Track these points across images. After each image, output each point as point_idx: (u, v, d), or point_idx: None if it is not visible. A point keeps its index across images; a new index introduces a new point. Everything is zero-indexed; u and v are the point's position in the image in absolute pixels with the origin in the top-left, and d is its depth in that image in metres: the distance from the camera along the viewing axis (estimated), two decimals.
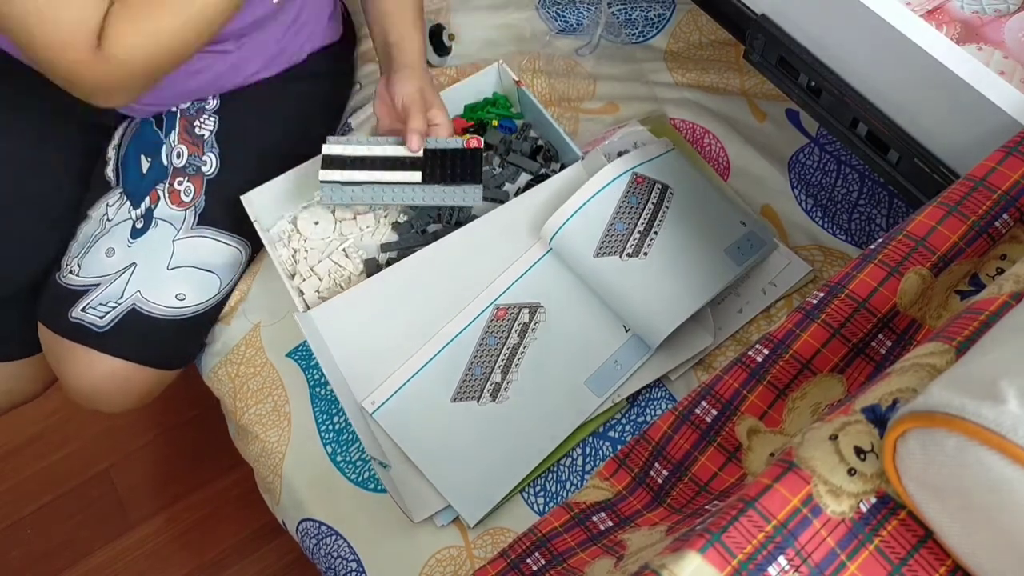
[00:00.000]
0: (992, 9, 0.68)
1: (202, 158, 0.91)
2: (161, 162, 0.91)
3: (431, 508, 0.76)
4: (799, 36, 0.73)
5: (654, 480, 0.59)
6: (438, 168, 0.84)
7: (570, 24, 1.11)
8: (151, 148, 0.92)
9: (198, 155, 0.91)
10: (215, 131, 0.92)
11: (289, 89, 0.97)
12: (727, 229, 0.84)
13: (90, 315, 0.86)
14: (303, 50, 0.97)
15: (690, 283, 0.80)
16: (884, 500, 0.42)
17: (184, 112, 0.93)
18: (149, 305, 0.87)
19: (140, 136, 0.94)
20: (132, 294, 0.87)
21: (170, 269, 0.88)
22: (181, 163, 0.91)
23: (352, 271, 0.88)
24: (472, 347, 0.81)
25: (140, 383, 0.90)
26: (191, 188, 0.90)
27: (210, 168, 0.91)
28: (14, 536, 1.32)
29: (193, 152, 0.91)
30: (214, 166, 0.91)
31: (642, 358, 0.80)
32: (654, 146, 0.89)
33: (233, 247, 0.93)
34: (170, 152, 0.92)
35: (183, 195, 0.90)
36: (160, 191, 0.90)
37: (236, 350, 0.92)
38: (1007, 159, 0.55)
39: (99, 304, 0.87)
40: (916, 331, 0.55)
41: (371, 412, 0.78)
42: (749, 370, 0.56)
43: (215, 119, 0.93)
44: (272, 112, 0.96)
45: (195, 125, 0.92)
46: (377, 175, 0.84)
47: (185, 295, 0.89)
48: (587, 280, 0.82)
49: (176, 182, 0.90)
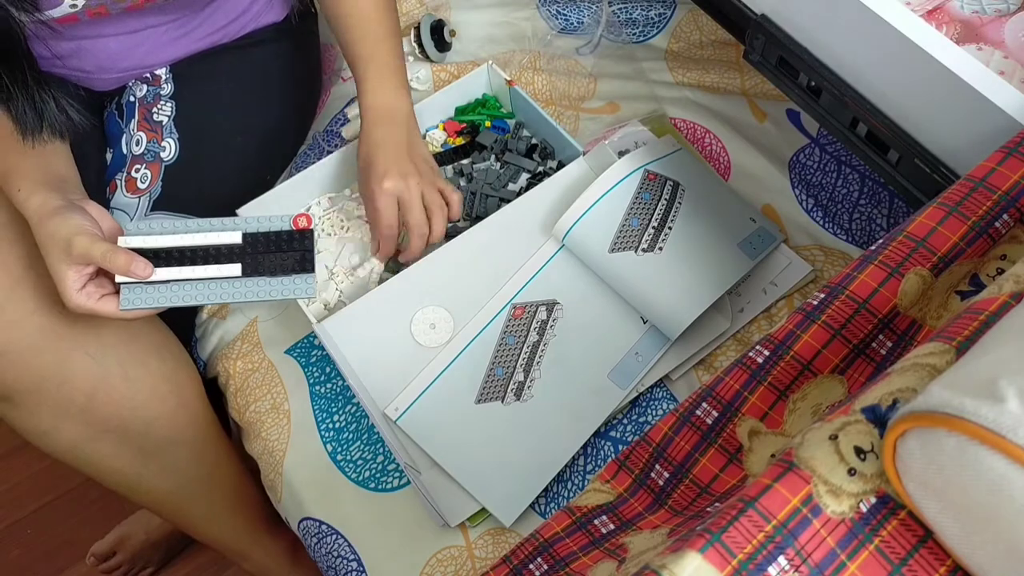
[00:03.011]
0: (992, 9, 0.68)
1: (160, 144, 0.91)
2: (121, 151, 0.91)
3: (466, 512, 0.76)
4: (799, 36, 0.73)
5: (655, 482, 0.59)
6: (260, 256, 0.74)
7: (571, 23, 1.11)
8: (113, 139, 0.93)
9: (157, 141, 0.91)
10: (173, 116, 0.91)
11: (248, 56, 0.95)
12: (739, 224, 0.85)
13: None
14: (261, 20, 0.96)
15: (706, 276, 0.81)
16: (884, 500, 0.42)
17: (142, 101, 0.92)
18: None
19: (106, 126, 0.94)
20: None
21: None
22: (140, 150, 0.90)
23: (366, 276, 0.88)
24: (492, 348, 0.81)
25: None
26: (148, 175, 0.89)
27: (169, 154, 0.90)
28: (14, 536, 1.32)
29: (152, 139, 0.91)
30: (173, 152, 0.90)
31: (662, 349, 0.81)
32: (663, 144, 0.90)
33: None
34: (129, 140, 0.91)
35: (139, 183, 0.89)
36: (118, 180, 0.90)
37: (233, 345, 0.92)
38: (1007, 160, 0.55)
39: None
40: (916, 332, 0.55)
41: (395, 419, 0.78)
42: (750, 371, 0.56)
43: (171, 104, 0.92)
44: (231, 87, 0.94)
45: (153, 112, 0.92)
46: (187, 271, 0.73)
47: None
48: (603, 275, 0.83)
49: (133, 170, 0.90)
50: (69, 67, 0.88)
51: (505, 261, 0.84)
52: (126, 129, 0.92)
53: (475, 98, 1.00)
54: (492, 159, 0.95)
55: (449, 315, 0.82)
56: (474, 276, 0.84)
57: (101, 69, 0.90)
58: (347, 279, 0.88)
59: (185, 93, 0.93)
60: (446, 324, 0.82)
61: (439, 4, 1.13)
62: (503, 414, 0.78)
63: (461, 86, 0.98)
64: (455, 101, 1.00)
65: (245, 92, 0.95)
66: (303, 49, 1.03)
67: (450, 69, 1.06)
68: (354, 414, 0.85)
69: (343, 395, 0.86)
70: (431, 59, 1.06)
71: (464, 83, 0.98)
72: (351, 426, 0.84)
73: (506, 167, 0.94)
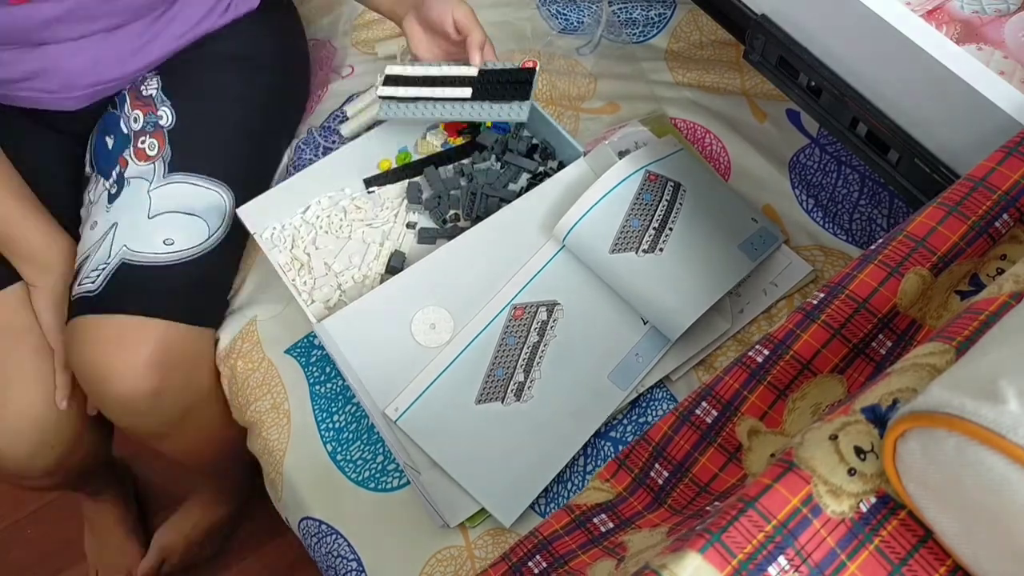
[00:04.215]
0: (992, 9, 0.68)
1: (157, 114, 0.92)
2: (122, 132, 0.93)
3: (465, 512, 0.76)
4: (799, 36, 0.73)
5: (655, 481, 0.59)
6: (488, 86, 0.87)
7: (571, 23, 1.11)
8: (111, 126, 0.94)
9: (153, 113, 0.92)
10: (161, 87, 0.93)
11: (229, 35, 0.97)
12: (740, 225, 0.85)
13: (85, 285, 0.85)
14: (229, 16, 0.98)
15: (707, 277, 0.81)
16: (884, 500, 0.42)
17: (131, 85, 0.95)
18: (138, 256, 0.85)
19: (102, 124, 0.96)
20: (119, 251, 0.85)
21: (151, 218, 0.87)
22: (139, 125, 0.92)
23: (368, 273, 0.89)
24: (492, 348, 0.81)
25: (156, 343, 0.84)
26: (155, 143, 0.91)
27: (167, 120, 0.92)
28: (14, 536, 1.32)
29: (148, 112, 0.92)
30: (170, 118, 0.92)
31: (662, 349, 0.81)
32: (664, 144, 0.90)
33: (212, 190, 0.91)
34: (127, 120, 0.93)
35: (148, 151, 0.90)
36: (127, 155, 0.91)
37: (233, 345, 0.92)
38: (1007, 159, 0.55)
39: (91, 271, 0.85)
40: (916, 331, 0.55)
41: (395, 419, 0.78)
42: (749, 371, 0.56)
43: (157, 78, 0.94)
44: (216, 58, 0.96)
45: (141, 89, 0.94)
46: (429, 91, 0.88)
47: (173, 240, 0.87)
48: (603, 276, 0.83)
49: (139, 142, 0.91)
50: (35, 88, 0.90)
51: (505, 261, 0.84)
52: (121, 113, 0.94)
53: None
54: (492, 159, 0.95)
55: (449, 315, 0.82)
56: (474, 276, 0.84)
57: (66, 87, 0.91)
58: (348, 279, 0.88)
59: (169, 67, 0.95)
60: (446, 324, 0.82)
61: None
62: (503, 415, 0.78)
63: None
64: None
65: (230, 60, 0.97)
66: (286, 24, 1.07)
67: None
68: (354, 414, 0.85)
69: (343, 395, 0.86)
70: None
71: None
72: (351, 426, 0.84)
73: (506, 167, 0.94)
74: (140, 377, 0.84)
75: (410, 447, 0.77)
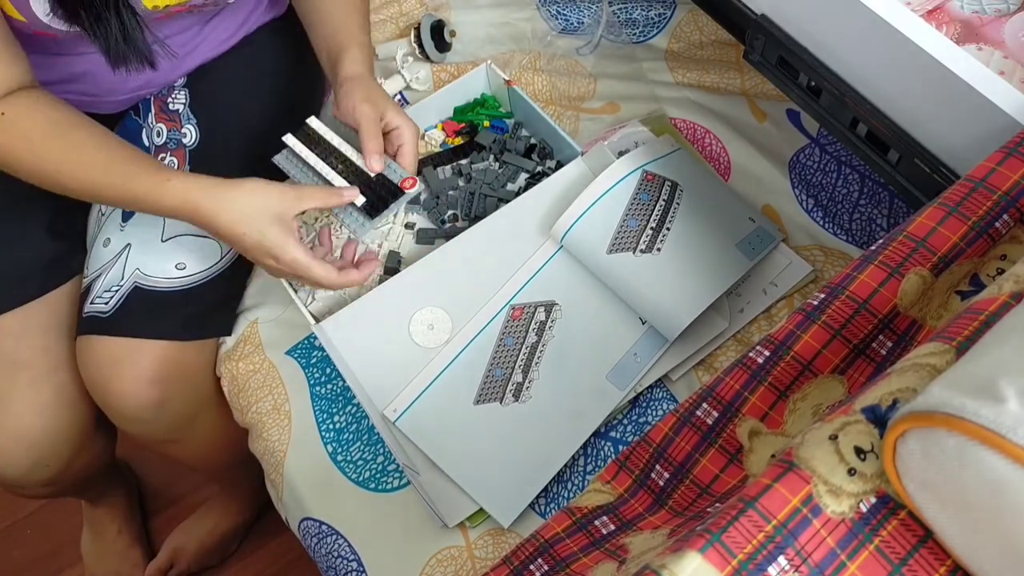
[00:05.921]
0: (992, 9, 0.68)
1: (181, 131, 0.91)
2: (143, 144, 0.92)
3: (464, 512, 0.76)
4: (799, 36, 0.73)
5: (655, 482, 0.59)
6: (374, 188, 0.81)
7: (571, 23, 1.11)
8: (133, 135, 0.93)
9: (177, 129, 0.92)
10: (188, 103, 0.93)
11: (256, 43, 0.97)
12: (737, 225, 0.85)
13: (97, 305, 0.86)
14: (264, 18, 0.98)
15: (704, 277, 0.81)
16: (884, 500, 0.42)
17: (157, 94, 0.94)
18: (150, 280, 0.86)
19: (123, 130, 0.95)
20: (131, 273, 0.86)
21: (164, 241, 0.87)
22: (162, 140, 0.91)
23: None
24: (491, 349, 0.81)
25: (162, 359, 0.86)
26: (174, 161, 0.90)
27: (191, 139, 0.91)
28: (14, 536, 1.32)
29: (172, 128, 0.92)
30: (194, 137, 0.91)
31: (660, 349, 0.81)
32: (661, 144, 0.90)
33: None
34: (150, 133, 0.92)
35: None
36: None
37: (235, 347, 0.92)
38: (1007, 160, 0.55)
39: (103, 292, 0.86)
40: (917, 332, 0.55)
41: (393, 420, 0.78)
42: (750, 371, 0.56)
43: (185, 92, 0.93)
44: (243, 71, 0.95)
45: (168, 102, 0.93)
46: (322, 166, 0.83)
47: (185, 264, 0.88)
48: (601, 276, 0.83)
49: (159, 159, 0.90)
50: (75, 92, 0.89)
51: (503, 262, 0.84)
52: (144, 123, 0.93)
53: (474, 98, 1.01)
54: (491, 159, 0.95)
55: (447, 316, 0.82)
56: (472, 277, 0.84)
57: (110, 92, 0.90)
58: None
59: (197, 80, 0.94)
60: (444, 325, 0.82)
61: (439, 4, 1.13)
62: (502, 415, 0.78)
63: (460, 86, 0.98)
64: (454, 101, 1.00)
65: (257, 72, 0.96)
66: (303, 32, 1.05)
67: (450, 70, 1.06)
68: (354, 415, 0.85)
69: (343, 396, 0.86)
70: (431, 59, 1.06)
71: (463, 83, 0.98)
72: (351, 427, 0.84)
73: (505, 167, 0.94)
74: (145, 391, 0.86)
75: (409, 448, 0.77)
